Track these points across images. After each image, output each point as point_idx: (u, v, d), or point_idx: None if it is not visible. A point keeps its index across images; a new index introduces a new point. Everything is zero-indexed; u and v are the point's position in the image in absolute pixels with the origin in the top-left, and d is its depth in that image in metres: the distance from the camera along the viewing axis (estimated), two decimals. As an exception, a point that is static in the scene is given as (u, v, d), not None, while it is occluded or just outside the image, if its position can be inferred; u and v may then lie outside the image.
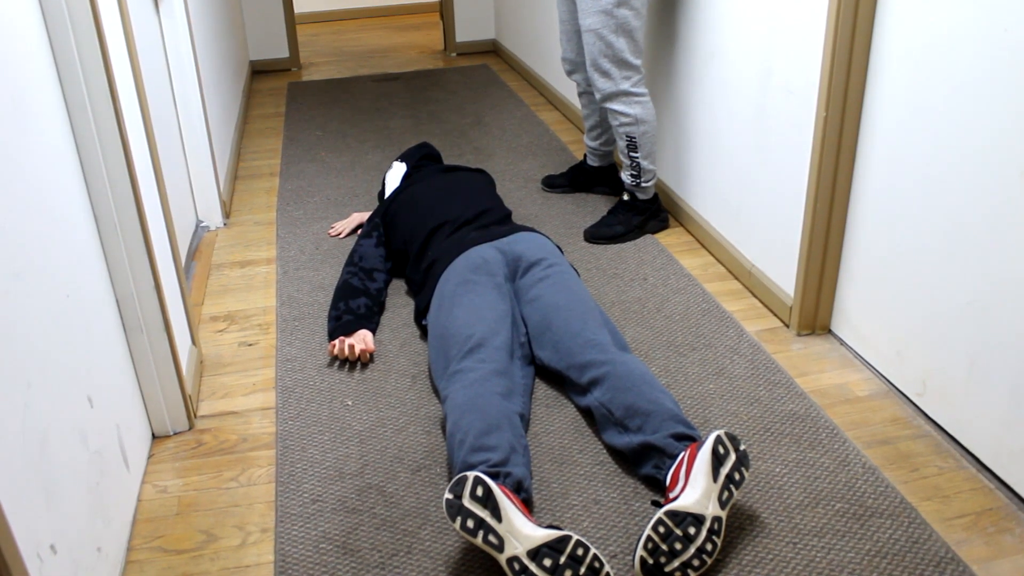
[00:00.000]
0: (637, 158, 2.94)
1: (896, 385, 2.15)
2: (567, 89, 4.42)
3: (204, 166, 3.24)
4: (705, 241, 2.97)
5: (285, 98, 5.12)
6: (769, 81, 2.46)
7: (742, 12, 2.57)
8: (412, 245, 2.59)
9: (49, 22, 1.69)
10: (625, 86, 2.84)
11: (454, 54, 6.04)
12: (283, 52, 5.81)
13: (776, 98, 2.44)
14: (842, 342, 2.37)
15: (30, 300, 1.39)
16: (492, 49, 6.04)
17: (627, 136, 2.91)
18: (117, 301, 1.92)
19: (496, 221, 2.61)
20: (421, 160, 3.11)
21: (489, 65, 5.66)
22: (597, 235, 3.02)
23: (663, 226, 3.11)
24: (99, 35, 1.76)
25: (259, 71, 5.77)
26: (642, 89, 2.87)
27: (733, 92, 2.67)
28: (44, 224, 1.51)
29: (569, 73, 3.20)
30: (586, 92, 3.25)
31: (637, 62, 2.83)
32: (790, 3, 2.31)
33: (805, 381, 2.21)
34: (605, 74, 2.84)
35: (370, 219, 2.81)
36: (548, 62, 4.73)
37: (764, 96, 2.50)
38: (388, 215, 2.76)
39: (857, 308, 2.28)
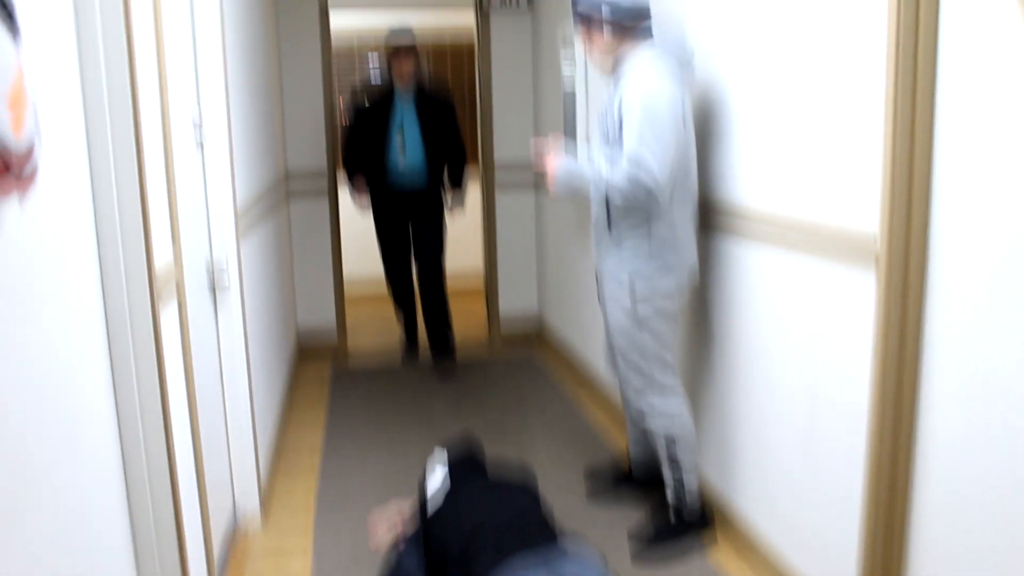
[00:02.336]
0: (679, 472, 2.88)
1: None
2: (610, 383, 4.42)
3: (247, 464, 3.20)
4: (755, 554, 2.82)
5: (329, 384, 5.16)
6: (816, 393, 2.44)
7: (783, 320, 2.59)
8: (455, 569, 2.47)
9: (111, 327, 1.71)
10: (657, 383, 2.84)
11: (498, 340, 6.13)
12: (331, 331, 5.93)
13: (824, 410, 2.40)
14: None
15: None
16: (536, 332, 6.13)
17: (665, 439, 2.87)
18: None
19: (544, 540, 2.50)
20: (464, 464, 3.04)
21: (533, 352, 5.73)
22: (645, 554, 2.89)
23: (711, 540, 2.97)
24: (158, 349, 1.77)
25: (306, 348, 5.86)
26: (675, 385, 2.86)
27: (779, 400, 2.65)
28: (82, 546, 1.45)
29: (609, 372, 3.20)
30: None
31: (666, 358, 2.83)
32: (833, 316, 2.33)
33: None
34: (636, 370, 2.84)
35: (413, 537, 2.70)
36: (591, 353, 4.77)
37: (812, 406, 2.46)
38: (430, 533, 2.66)
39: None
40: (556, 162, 2.84)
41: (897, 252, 2.02)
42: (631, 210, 2.77)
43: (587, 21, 2.81)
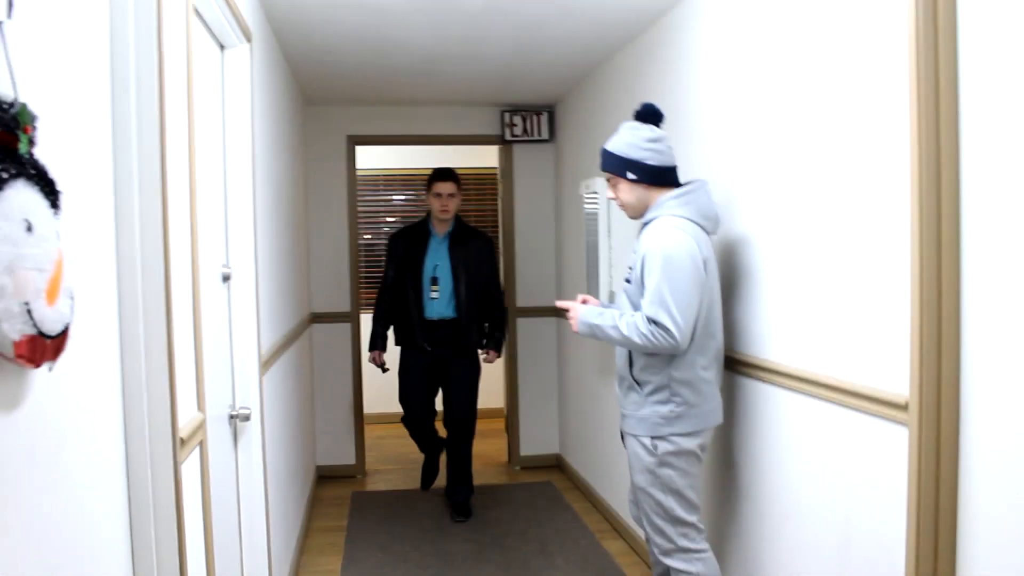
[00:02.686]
0: None
1: None
2: (636, 527, 4.33)
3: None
4: None
5: (348, 509, 5.10)
6: (848, 543, 2.38)
7: (811, 469, 2.56)
8: None
9: (131, 485, 1.71)
10: (683, 543, 2.78)
11: (518, 468, 6.07)
12: (349, 459, 5.90)
13: (857, 563, 2.34)
14: None
15: None
16: (556, 464, 6.07)
17: None
18: None
19: None
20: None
21: (553, 482, 5.65)
22: None
23: None
24: (178, 506, 1.77)
25: (324, 476, 5.82)
26: (701, 545, 2.80)
27: (809, 550, 2.58)
28: None
29: (636, 520, 3.15)
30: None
31: (691, 519, 2.78)
32: (863, 467, 2.30)
33: None
34: (659, 531, 2.79)
35: None
36: (613, 487, 4.70)
37: (844, 557, 2.40)
38: None
39: None
40: (579, 314, 2.88)
41: (929, 412, 2.00)
42: (653, 367, 2.77)
43: (613, 175, 2.89)
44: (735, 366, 3.03)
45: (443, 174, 4.90)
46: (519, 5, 3.55)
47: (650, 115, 2.86)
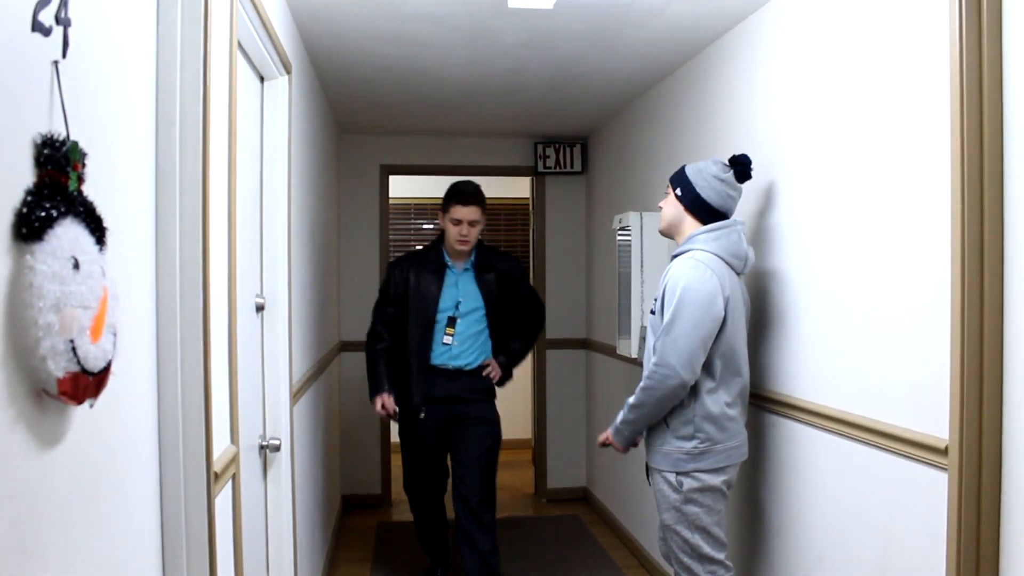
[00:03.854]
0: None
1: None
2: (657, 551, 4.28)
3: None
4: None
5: (374, 541, 5.08)
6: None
7: (851, 518, 2.50)
8: None
9: (165, 519, 1.71)
10: None
11: (545, 500, 6.03)
12: (375, 488, 5.89)
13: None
14: None
15: None
16: (583, 497, 6.02)
17: None
18: None
19: None
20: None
21: (580, 516, 5.60)
22: None
23: None
24: (211, 540, 1.76)
25: (350, 505, 5.80)
26: None
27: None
28: None
29: (665, 557, 3.11)
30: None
31: (719, 556, 2.76)
32: (901, 511, 2.25)
33: None
34: (687, 569, 2.77)
35: None
36: (640, 522, 4.65)
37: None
38: None
39: None
40: (608, 433, 3.00)
41: (970, 457, 1.97)
42: (677, 406, 2.77)
43: (671, 185, 2.97)
44: (766, 404, 2.99)
45: (465, 195, 3.80)
46: (560, 40, 3.57)
47: (736, 163, 2.91)
